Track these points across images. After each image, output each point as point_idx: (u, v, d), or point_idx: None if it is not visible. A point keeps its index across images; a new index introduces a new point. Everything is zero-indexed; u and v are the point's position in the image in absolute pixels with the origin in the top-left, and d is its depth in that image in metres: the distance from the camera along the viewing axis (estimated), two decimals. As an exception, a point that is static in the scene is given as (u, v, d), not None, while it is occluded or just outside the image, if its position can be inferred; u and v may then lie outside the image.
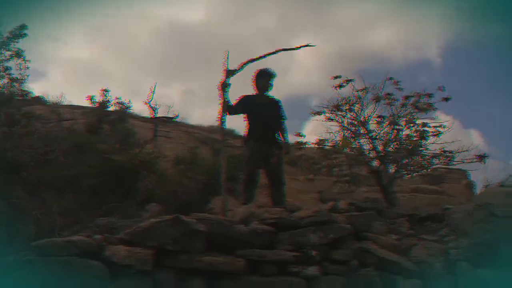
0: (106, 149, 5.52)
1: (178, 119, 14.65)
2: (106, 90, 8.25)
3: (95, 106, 7.81)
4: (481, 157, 5.34)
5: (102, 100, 7.77)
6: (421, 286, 3.21)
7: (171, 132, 13.83)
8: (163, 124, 13.42)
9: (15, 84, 6.91)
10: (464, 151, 5.41)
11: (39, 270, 2.54)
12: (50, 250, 2.58)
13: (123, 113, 8.09)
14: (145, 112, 13.49)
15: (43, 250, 2.60)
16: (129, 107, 9.07)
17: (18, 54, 6.85)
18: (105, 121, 7.04)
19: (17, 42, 6.84)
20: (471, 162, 5.39)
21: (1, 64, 6.71)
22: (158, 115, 12.52)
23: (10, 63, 6.84)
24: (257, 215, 3.49)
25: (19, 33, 6.80)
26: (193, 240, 2.88)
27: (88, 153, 5.58)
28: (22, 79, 7.01)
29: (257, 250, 3.02)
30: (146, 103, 12.04)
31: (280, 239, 3.23)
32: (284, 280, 2.94)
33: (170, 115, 12.55)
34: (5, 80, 6.82)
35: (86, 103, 9.50)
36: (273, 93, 4.78)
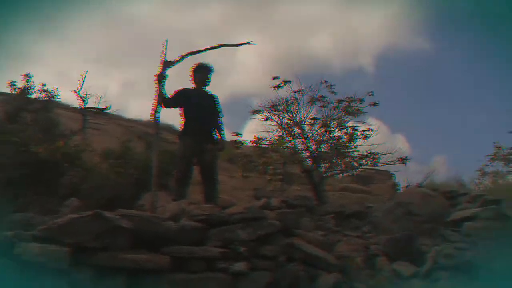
0: (26, 139, 5.06)
1: (114, 112, 13.95)
2: (28, 76, 7.57)
3: (15, 93, 7.10)
4: (403, 160, 5.77)
5: (24, 87, 7.08)
6: (342, 279, 3.35)
7: (105, 124, 13.14)
8: (96, 116, 12.69)
9: None
10: (388, 154, 5.82)
11: None
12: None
13: (48, 101, 7.46)
14: (76, 102, 12.63)
15: None
16: (56, 95, 8.41)
17: None
18: (27, 110, 6.44)
19: None
20: (394, 163, 5.79)
21: None
22: (89, 106, 11.77)
23: None
24: (187, 211, 3.42)
25: None
26: (116, 237, 2.74)
27: (5, 144, 5.08)
28: None
29: (185, 247, 2.97)
30: (75, 92, 11.23)
31: (210, 236, 3.21)
32: (211, 276, 2.91)
33: (101, 106, 11.84)
34: None
35: (7, 89, 8.68)
36: (216, 91, 4.74)
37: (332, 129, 5.83)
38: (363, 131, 5.86)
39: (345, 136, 5.80)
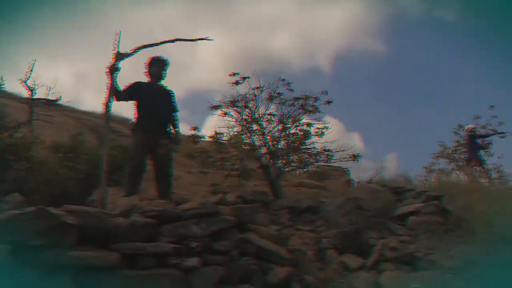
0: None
1: (64, 103, 13.30)
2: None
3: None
4: (355, 156, 5.98)
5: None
6: (293, 272, 3.45)
7: (56, 117, 12.51)
8: (47, 108, 12.04)
9: None
10: (342, 151, 6.00)
11: None
12: None
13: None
14: (24, 93, 11.91)
15: None
16: (1, 84, 7.87)
17: None
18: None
19: None
20: (347, 160, 5.99)
21: None
22: (38, 96, 11.15)
23: None
24: (139, 207, 3.36)
25: None
26: (62, 234, 2.64)
27: None
28: None
29: (135, 243, 2.92)
30: (22, 82, 10.59)
31: (163, 232, 3.18)
32: (163, 272, 2.89)
33: (51, 98, 11.25)
34: None
35: None
36: (175, 86, 4.66)
37: (288, 126, 5.93)
38: (318, 128, 6.01)
39: (300, 133, 5.92)
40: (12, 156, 4.81)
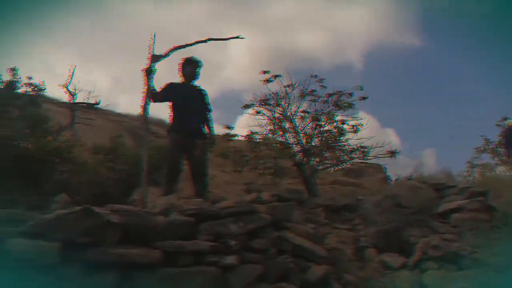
0: (11, 135, 5.00)
1: (103, 107, 13.82)
2: (14, 69, 7.44)
3: (1, 87, 6.98)
4: (392, 153, 5.82)
5: (10, 81, 6.94)
6: (332, 271, 3.40)
7: (95, 120, 13.02)
8: (86, 111, 12.56)
9: None
10: (378, 147, 5.87)
11: None
12: None
13: (36, 96, 7.36)
14: (65, 97, 12.46)
15: None
16: (43, 89, 8.28)
17: None
18: (13, 104, 6.35)
19: None
20: (384, 157, 5.85)
21: None
22: (78, 100, 11.63)
23: None
24: (177, 206, 3.43)
25: None
26: (106, 232, 2.73)
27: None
28: None
29: (175, 241, 2.97)
30: (63, 86, 11.09)
31: (200, 230, 3.22)
32: (201, 270, 2.93)
33: (91, 101, 11.71)
34: None
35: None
36: (206, 86, 4.73)
37: (322, 123, 5.86)
38: (353, 125, 5.90)
39: (334, 130, 5.83)
40: (57, 158, 5.05)
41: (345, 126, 5.82)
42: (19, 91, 7.02)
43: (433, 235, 4.11)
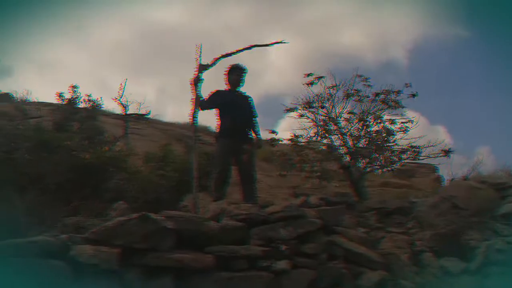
0: (73, 146, 5.37)
1: (152, 117, 14.43)
2: (75, 87, 8.02)
3: (63, 103, 7.56)
4: (447, 152, 5.54)
5: (71, 97, 7.52)
6: (387, 277, 3.29)
7: (145, 129, 13.59)
8: (136, 122, 13.16)
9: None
10: (430, 146, 5.61)
11: (1, 272, 2.46)
12: (12, 251, 2.50)
13: (93, 110, 7.89)
14: (117, 110, 13.18)
15: (5, 251, 2.52)
16: (100, 104, 8.85)
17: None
18: (74, 119, 6.83)
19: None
20: (437, 156, 5.58)
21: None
22: (130, 112, 12.27)
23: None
24: (228, 211, 3.49)
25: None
26: (161, 238, 2.85)
27: (55, 151, 5.40)
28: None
29: (227, 246, 3.04)
30: (116, 100, 11.77)
31: (251, 235, 3.26)
32: (254, 274, 2.96)
33: (141, 112, 12.31)
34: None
35: (55, 100, 9.22)
36: (247, 92, 4.79)
37: (369, 124, 5.70)
38: (402, 124, 5.68)
39: (383, 130, 5.65)
40: (113, 167, 5.34)
41: (394, 126, 5.62)
42: (79, 106, 7.57)
43: (495, 238, 3.85)
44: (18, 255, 2.47)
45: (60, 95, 8.10)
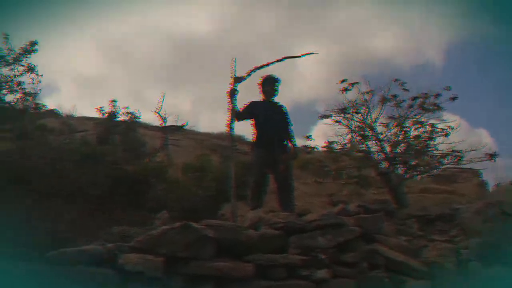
0: (116, 158, 5.62)
1: (187, 127, 14.80)
2: (114, 101, 8.39)
3: (104, 117, 7.93)
4: (491, 156, 5.30)
5: (111, 111, 7.88)
6: (432, 287, 3.19)
7: (181, 140, 13.95)
8: (173, 133, 13.55)
9: (28, 98, 7.06)
10: (473, 150, 5.39)
11: (53, 280, 2.61)
12: (63, 260, 2.65)
13: (133, 123, 8.22)
14: (155, 122, 13.67)
15: (57, 260, 2.67)
16: (138, 117, 9.20)
17: (31, 69, 7.00)
18: (115, 132, 7.14)
19: (28, 57, 6.99)
20: (481, 161, 5.35)
21: (15, 79, 6.87)
22: (168, 124, 12.68)
23: (23, 78, 6.99)
24: (266, 220, 3.52)
25: (31, 49, 6.96)
26: (203, 247, 2.92)
27: (98, 163, 5.68)
28: (35, 93, 7.16)
29: (266, 254, 3.05)
30: (155, 112, 12.22)
31: (289, 243, 3.26)
32: (293, 283, 2.96)
33: (179, 124, 12.69)
34: (19, 95, 6.98)
35: (97, 114, 9.68)
36: (278, 100, 4.83)
37: (407, 129, 5.56)
38: (442, 128, 5.50)
39: (423, 135, 5.48)
40: (154, 178, 5.54)
41: (435, 130, 5.44)
42: (119, 119, 7.93)
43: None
44: (69, 263, 2.61)
45: (101, 110, 8.52)
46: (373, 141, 5.80)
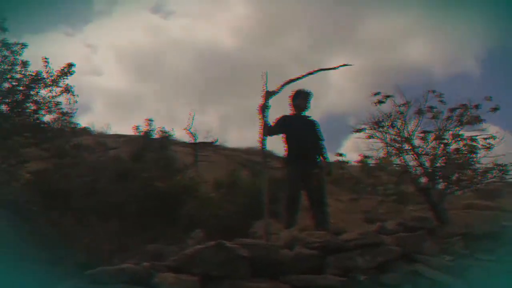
0: (150, 176, 5.71)
1: (217, 143, 14.96)
2: (150, 120, 8.63)
3: (140, 135, 8.15)
4: (540, 169, 4.96)
5: (147, 130, 8.09)
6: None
7: (211, 156, 14.08)
8: (203, 149, 13.72)
9: (65, 117, 7.34)
10: (521, 163, 5.06)
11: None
12: (101, 278, 2.67)
13: (166, 140, 8.39)
14: (185, 138, 13.90)
15: (95, 278, 2.69)
16: (172, 135, 9.37)
17: (67, 89, 7.30)
18: (149, 149, 7.31)
19: (66, 79, 7.31)
20: (527, 174, 5.02)
21: (53, 100, 7.18)
22: (198, 140, 12.88)
23: (60, 98, 7.30)
24: (300, 238, 3.42)
25: (67, 70, 7.28)
26: (237, 266, 2.86)
27: (132, 181, 5.78)
28: (71, 112, 7.45)
29: (304, 275, 2.96)
30: (186, 130, 12.48)
31: (326, 263, 3.15)
32: (333, 306, 2.83)
33: (209, 140, 12.87)
34: (56, 115, 7.27)
35: (128, 131, 9.98)
36: (309, 114, 4.77)
37: (447, 142, 5.31)
38: (485, 139, 5.21)
39: (463, 148, 5.22)
40: (185, 195, 5.57)
41: (475, 143, 5.17)
42: (153, 137, 8.11)
43: None
44: (108, 282, 2.62)
45: (137, 128, 8.76)
46: (411, 155, 5.57)
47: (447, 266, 3.51)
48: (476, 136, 5.21)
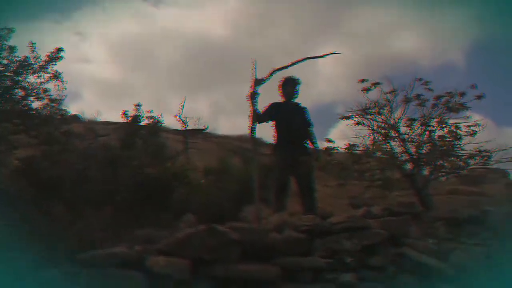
0: (139, 163, 5.70)
1: (207, 130, 14.93)
2: (138, 105, 8.50)
3: (128, 121, 8.04)
4: (520, 156, 5.11)
5: (135, 115, 7.97)
6: (463, 291, 3.10)
7: (202, 143, 14.08)
8: (193, 136, 13.68)
9: (53, 104, 7.22)
10: (502, 150, 5.21)
11: (83, 282, 2.67)
12: (93, 262, 2.71)
13: (155, 126, 8.34)
14: (175, 125, 13.84)
15: (87, 262, 2.74)
16: (161, 121, 9.29)
17: (56, 76, 7.16)
18: (138, 136, 7.25)
19: (54, 65, 7.16)
20: (510, 161, 5.17)
21: (41, 86, 7.05)
22: (188, 127, 12.84)
23: (48, 85, 7.17)
24: (290, 222, 3.51)
25: (56, 56, 7.12)
26: (228, 249, 2.93)
27: (122, 168, 5.77)
28: (60, 99, 7.32)
29: (291, 257, 3.05)
30: (177, 116, 12.41)
31: (314, 246, 3.24)
32: (319, 287, 2.94)
33: (200, 127, 12.84)
34: (45, 101, 7.14)
35: (119, 118, 9.85)
36: (298, 101, 4.81)
37: (432, 129, 5.43)
38: (469, 127, 5.34)
39: (448, 135, 5.34)
40: (176, 181, 5.59)
41: (459, 130, 5.29)
42: (142, 123, 8.01)
43: None
44: (99, 265, 2.67)
45: (125, 114, 8.62)
46: (397, 142, 5.68)
47: (431, 249, 3.63)
48: (460, 123, 5.34)
